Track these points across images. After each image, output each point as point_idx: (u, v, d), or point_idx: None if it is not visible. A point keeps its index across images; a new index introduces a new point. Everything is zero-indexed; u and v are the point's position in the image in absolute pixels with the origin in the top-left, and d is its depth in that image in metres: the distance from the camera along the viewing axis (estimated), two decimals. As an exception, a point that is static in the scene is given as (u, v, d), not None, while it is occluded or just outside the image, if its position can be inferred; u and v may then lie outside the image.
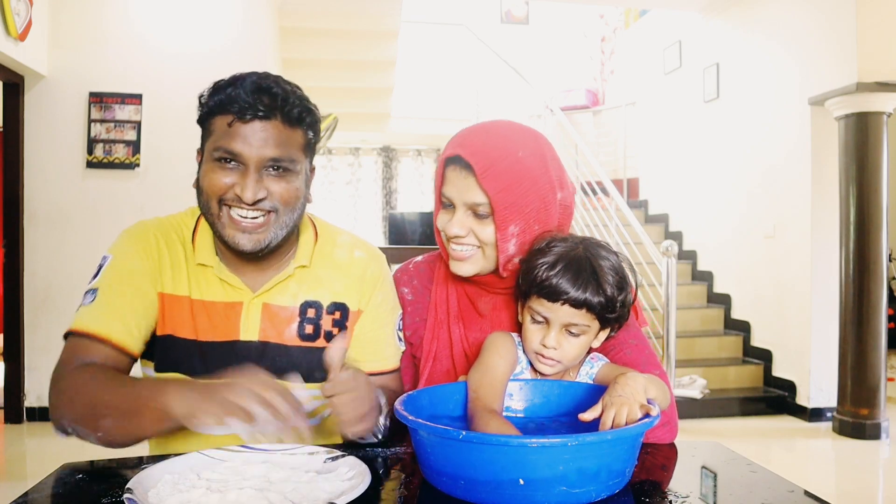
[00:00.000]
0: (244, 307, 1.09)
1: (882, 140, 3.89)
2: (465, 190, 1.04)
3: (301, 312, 1.11)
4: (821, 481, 3.36)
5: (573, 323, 0.98)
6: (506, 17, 8.36)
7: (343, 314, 1.14)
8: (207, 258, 1.09)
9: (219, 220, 1.03)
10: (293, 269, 1.11)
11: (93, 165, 4.09)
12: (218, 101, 1.01)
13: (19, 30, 3.61)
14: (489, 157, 1.03)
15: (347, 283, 1.15)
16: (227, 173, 1.01)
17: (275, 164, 1.02)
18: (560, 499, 0.74)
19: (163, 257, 1.09)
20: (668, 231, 5.98)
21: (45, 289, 4.06)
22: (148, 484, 0.78)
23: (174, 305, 1.08)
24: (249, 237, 1.03)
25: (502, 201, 1.03)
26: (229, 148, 1.00)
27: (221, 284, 1.09)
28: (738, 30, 5.00)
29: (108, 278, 1.06)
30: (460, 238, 1.07)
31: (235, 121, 0.99)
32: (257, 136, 1.00)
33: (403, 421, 0.82)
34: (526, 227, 1.05)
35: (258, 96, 0.99)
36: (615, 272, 0.99)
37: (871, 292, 3.89)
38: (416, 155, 8.38)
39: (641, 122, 6.53)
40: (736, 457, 0.98)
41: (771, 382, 4.65)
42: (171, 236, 1.11)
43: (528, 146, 1.06)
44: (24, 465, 3.45)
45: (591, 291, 0.97)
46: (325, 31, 5.46)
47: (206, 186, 1.02)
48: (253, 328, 1.09)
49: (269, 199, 1.02)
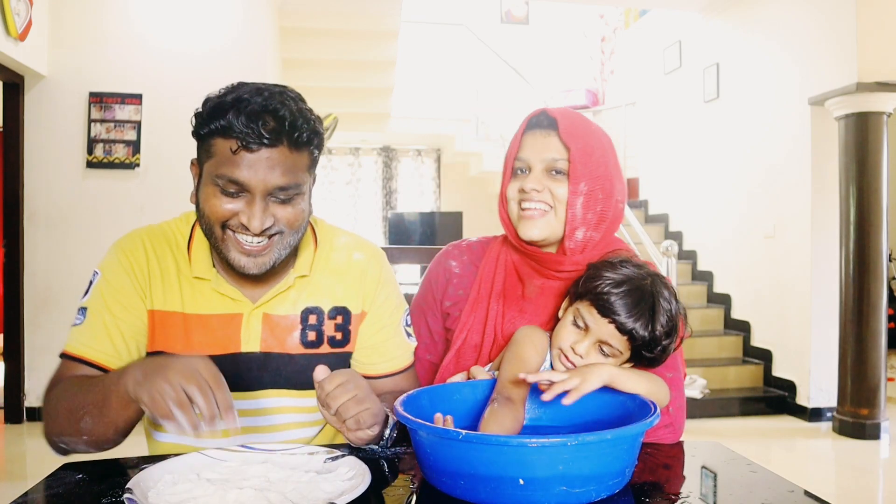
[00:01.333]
0: (244, 319, 1.08)
1: (882, 140, 3.89)
2: (545, 148, 1.11)
3: (302, 320, 1.10)
4: (821, 481, 3.36)
5: (610, 344, 0.99)
6: (506, 17, 8.36)
7: (345, 318, 1.13)
8: (204, 271, 1.07)
9: (223, 243, 1.01)
10: (293, 279, 1.10)
11: (93, 165, 4.09)
12: (220, 127, 0.96)
13: (19, 30, 3.61)
14: (572, 118, 1.13)
15: (347, 287, 1.14)
16: (232, 200, 0.98)
17: (282, 191, 0.99)
18: (560, 499, 0.74)
19: (153, 272, 1.07)
20: (668, 231, 5.98)
21: (45, 289, 4.06)
22: (148, 484, 0.79)
23: (165, 322, 1.06)
24: (255, 261, 1.01)
25: (579, 156, 1.09)
26: (234, 177, 0.96)
27: (219, 297, 1.07)
28: (738, 30, 5.00)
29: (97, 297, 1.05)
30: (536, 193, 1.11)
31: (240, 149, 0.95)
32: (263, 164, 0.96)
33: (403, 421, 0.82)
34: (592, 189, 1.10)
35: (264, 121, 0.95)
36: (670, 318, 1.00)
37: (871, 292, 3.89)
38: (416, 155, 8.38)
39: (641, 122, 6.53)
40: (736, 457, 0.98)
41: (771, 382, 4.65)
42: (162, 248, 1.09)
43: (599, 130, 1.16)
44: (24, 465, 3.45)
45: (642, 325, 0.97)
46: (325, 31, 5.46)
47: (208, 212, 0.99)
48: (254, 339, 1.08)
49: (275, 225, 1.00)
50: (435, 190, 8.40)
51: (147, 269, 1.07)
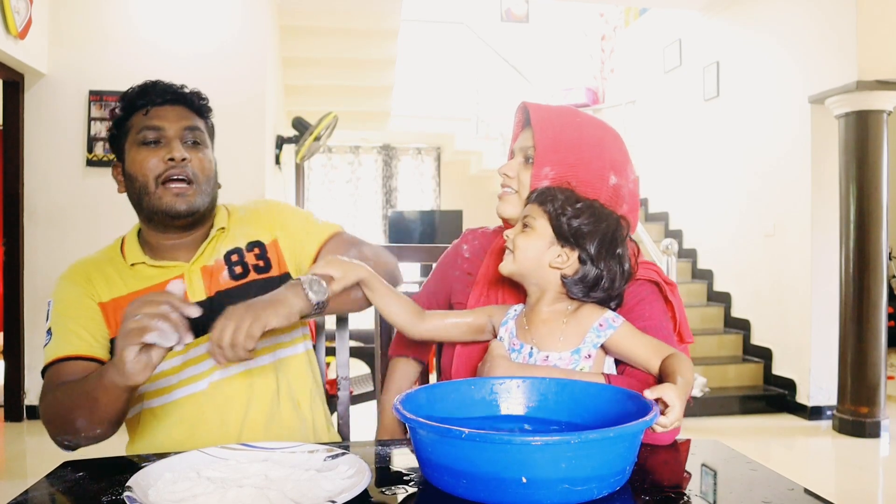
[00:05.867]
0: (186, 276, 1.23)
1: (882, 138, 3.89)
2: (523, 138, 1.18)
3: (226, 260, 1.27)
4: (821, 479, 3.36)
5: (526, 215, 1.05)
6: (506, 15, 8.35)
7: (261, 249, 1.31)
8: (137, 257, 1.24)
9: (156, 197, 1.20)
10: (215, 231, 1.28)
11: (93, 164, 4.09)
12: (135, 105, 1.22)
13: (19, 28, 3.61)
14: (544, 110, 1.17)
15: (256, 226, 1.33)
16: (154, 150, 1.20)
17: (189, 132, 1.23)
18: (562, 497, 0.74)
19: (93, 276, 1.23)
20: (667, 229, 5.98)
21: (45, 287, 4.05)
22: (148, 482, 0.79)
23: (117, 307, 1.20)
24: (185, 199, 1.20)
25: (543, 142, 1.12)
26: (151, 124, 1.20)
27: (158, 270, 1.24)
28: (738, 28, 5.00)
29: (56, 316, 1.20)
30: (507, 178, 1.18)
31: (152, 109, 1.22)
32: (171, 113, 1.22)
33: (404, 420, 0.82)
34: (562, 176, 1.10)
35: (166, 89, 1.23)
36: (593, 213, 1.02)
37: (872, 290, 3.89)
38: (416, 153, 8.38)
39: (641, 120, 6.52)
40: (736, 455, 0.98)
41: (771, 381, 4.66)
42: (100, 261, 1.26)
43: (591, 123, 1.17)
44: (25, 464, 3.45)
45: (559, 205, 1.02)
46: (325, 30, 5.45)
47: (139, 171, 1.20)
48: (199, 290, 1.23)
49: (190, 165, 1.21)
50: (435, 188, 8.40)
51: (88, 277, 1.23)
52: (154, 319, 0.89)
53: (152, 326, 0.89)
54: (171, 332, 0.90)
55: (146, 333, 0.89)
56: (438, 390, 0.99)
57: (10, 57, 3.66)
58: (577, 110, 1.21)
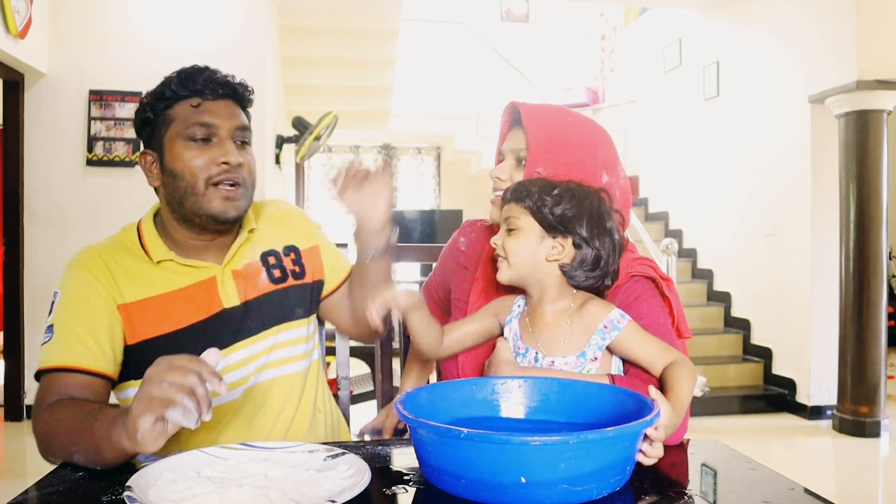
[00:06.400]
0: (219, 279, 1.17)
1: (882, 138, 3.89)
2: (514, 139, 1.16)
3: (264, 262, 1.22)
4: (821, 479, 3.36)
5: (508, 216, 1.03)
6: (506, 15, 8.35)
7: (297, 254, 1.27)
8: (163, 253, 1.15)
9: (204, 198, 1.11)
10: (246, 233, 1.21)
11: (93, 163, 4.09)
12: (177, 94, 1.13)
13: (19, 28, 3.61)
14: (536, 109, 1.16)
15: (289, 230, 1.29)
16: (202, 149, 1.12)
17: (241, 132, 1.15)
18: (561, 497, 0.74)
19: (115, 272, 1.12)
20: (668, 229, 5.98)
21: (45, 287, 4.05)
22: (148, 482, 0.78)
23: (141, 310, 1.11)
24: (234, 204, 1.13)
25: (535, 141, 1.11)
26: (203, 120, 1.11)
27: (187, 269, 1.15)
28: (738, 28, 5.00)
29: (61, 311, 1.08)
30: (499, 181, 1.17)
31: (202, 102, 1.13)
32: (223, 109, 1.14)
33: (404, 419, 0.82)
34: (553, 175, 1.09)
35: (214, 79, 1.15)
36: (572, 195, 1.01)
37: (872, 290, 3.89)
38: (416, 153, 8.38)
39: (641, 120, 6.52)
40: (736, 454, 0.98)
41: (771, 380, 4.66)
42: (117, 252, 1.15)
43: (583, 122, 1.16)
44: (25, 463, 3.45)
45: (536, 197, 1.00)
46: (325, 30, 5.45)
47: (187, 169, 1.11)
48: (232, 294, 1.17)
49: (243, 168, 1.14)
50: (435, 188, 8.40)
51: (109, 271, 1.12)
52: (180, 393, 0.79)
53: (177, 402, 0.79)
54: (193, 410, 0.80)
55: (169, 407, 0.79)
56: (439, 390, 0.99)
57: (10, 57, 3.65)
58: (567, 109, 1.20)
